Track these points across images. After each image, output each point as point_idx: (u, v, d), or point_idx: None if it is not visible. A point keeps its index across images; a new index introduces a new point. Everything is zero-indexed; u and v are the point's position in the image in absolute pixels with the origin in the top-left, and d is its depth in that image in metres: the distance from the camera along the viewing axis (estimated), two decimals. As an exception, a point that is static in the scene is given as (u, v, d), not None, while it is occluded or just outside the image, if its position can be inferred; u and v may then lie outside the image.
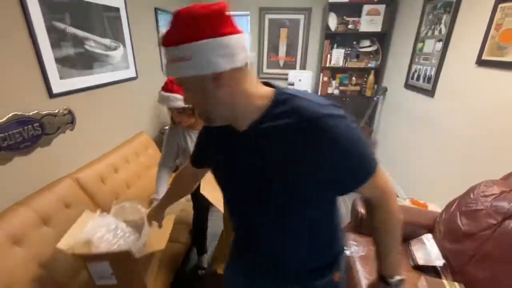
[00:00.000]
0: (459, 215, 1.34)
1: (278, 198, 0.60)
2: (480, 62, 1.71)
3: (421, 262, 1.32)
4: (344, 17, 3.23)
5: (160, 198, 1.13)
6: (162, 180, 1.59)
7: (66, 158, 1.52)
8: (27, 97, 1.28)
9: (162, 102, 1.44)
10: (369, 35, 3.27)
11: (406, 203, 2.08)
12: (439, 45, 2.16)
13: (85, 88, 1.63)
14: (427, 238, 1.41)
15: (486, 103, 1.67)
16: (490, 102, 1.64)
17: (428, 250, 1.35)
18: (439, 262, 1.28)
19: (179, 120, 1.49)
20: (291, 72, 3.49)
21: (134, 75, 2.17)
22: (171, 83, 1.40)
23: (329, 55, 3.35)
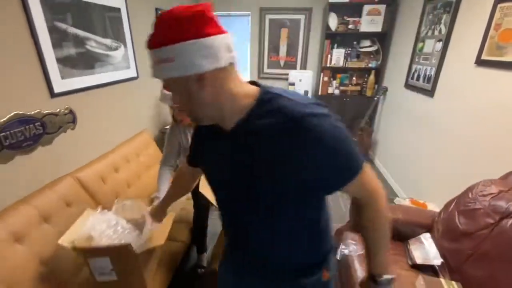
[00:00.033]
0: (457, 214, 1.34)
1: (266, 196, 0.60)
2: (480, 62, 1.71)
3: (419, 261, 1.32)
4: (345, 17, 3.23)
5: (161, 196, 1.14)
6: (163, 179, 1.60)
7: (67, 157, 1.54)
8: (29, 96, 1.30)
9: (164, 101, 1.45)
10: (369, 35, 3.27)
11: (405, 202, 2.09)
12: (439, 45, 2.17)
13: (86, 88, 1.65)
14: (425, 238, 1.42)
15: (485, 103, 1.67)
16: (489, 102, 1.64)
17: (426, 249, 1.36)
18: (437, 261, 1.29)
19: (180, 118, 1.50)
20: (291, 72, 3.50)
21: (135, 75, 2.18)
22: None
23: (329, 55, 3.35)
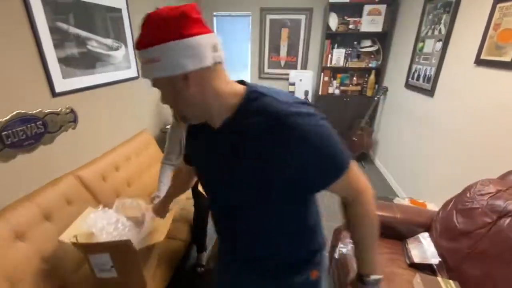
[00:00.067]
0: (456, 213, 1.35)
1: (251, 194, 0.61)
2: (479, 62, 1.72)
3: (417, 260, 1.33)
4: (345, 17, 3.23)
5: (161, 195, 1.16)
6: (164, 177, 1.61)
7: (68, 156, 1.55)
8: (31, 96, 1.32)
9: None
10: (370, 35, 3.27)
11: (405, 202, 2.09)
12: (439, 45, 2.17)
13: (87, 87, 1.67)
14: (424, 237, 1.42)
15: (484, 103, 1.67)
16: (488, 101, 1.64)
17: (424, 249, 1.36)
18: (435, 260, 1.29)
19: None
20: (292, 72, 3.51)
21: (136, 75, 2.20)
22: None
23: (330, 55, 3.36)
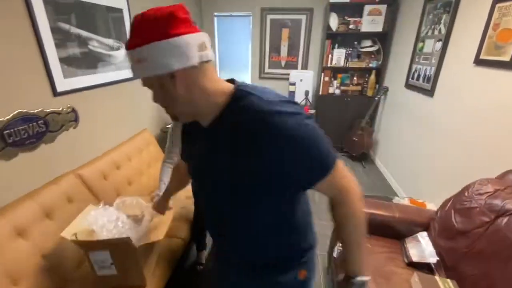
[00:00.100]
0: (454, 213, 1.35)
1: (234, 193, 0.62)
2: (478, 62, 1.72)
3: (415, 259, 1.33)
4: (345, 17, 3.24)
5: (161, 193, 1.18)
6: (165, 176, 1.62)
7: (69, 154, 1.57)
8: (32, 95, 1.33)
9: None
10: (370, 35, 3.28)
11: (404, 202, 2.09)
12: (439, 44, 2.17)
13: (88, 87, 1.68)
14: (422, 236, 1.42)
15: (483, 103, 1.67)
16: (487, 101, 1.64)
17: (422, 248, 1.36)
18: (433, 259, 1.29)
19: None
20: (292, 72, 3.51)
21: (137, 74, 2.21)
22: None
23: (330, 55, 3.37)
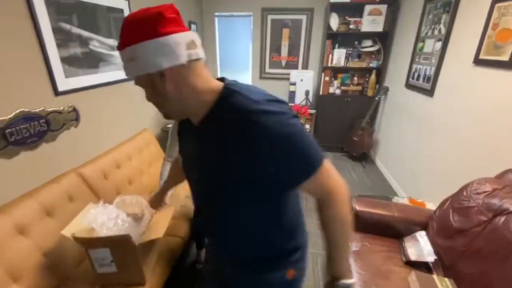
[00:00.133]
0: (452, 212, 1.35)
1: (222, 191, 0.63)
2: (478, 61, 1.72)
3: (413, 257, 1.34)
4: (346, 17, 3.25)
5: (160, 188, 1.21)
6: (164, 174, 1.63)
7: (70, 153, 1.58)
8: (34, 94, 1.35)
9: None
10: (370, 35, 3.28)
11: (404, 201, 2.09)
12: (439, 44, 2.17)
13: (89, 86, 1.70)
14: (421, 235, 1.43)
15: (483, 102, 1.67)
16: (487, 101, 1.64)
17: (421, 247, 1.37)
18: (431, 258, 1.30)
19: None
20: (293, 72, 3.52)
21: (137, 74, 2.22)
22: None
23: (330, 55, 3.37)
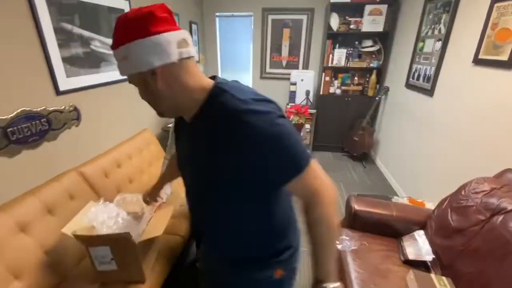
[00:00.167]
0: (450, 211, 1.36)
1: (213, 187, 0.63)
2: (477, 61, 1.72)
3: (411, 257, 1.34)
4: (346, 17, 3.25)
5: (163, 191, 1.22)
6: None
7: (71, 152, 1.60)
8: (35, 94, 1.36)
9: None
10: (371, 35, 3.28)
11: (404, 201, 2.10)
12: (439, 44, 2.17)
13: (90, 86, 1.71)
14: (419, 235, 1.43)
15: (482, 102, 1.67)
16: (486, 100, 1.64)
17: (419, 246, 1.37)
18: (429, 257, 1.30)
19: None
20: (293, 72, 3.53)
21: (138, 74, 2.23)
22: None
23: (331, 55, 3.38)
